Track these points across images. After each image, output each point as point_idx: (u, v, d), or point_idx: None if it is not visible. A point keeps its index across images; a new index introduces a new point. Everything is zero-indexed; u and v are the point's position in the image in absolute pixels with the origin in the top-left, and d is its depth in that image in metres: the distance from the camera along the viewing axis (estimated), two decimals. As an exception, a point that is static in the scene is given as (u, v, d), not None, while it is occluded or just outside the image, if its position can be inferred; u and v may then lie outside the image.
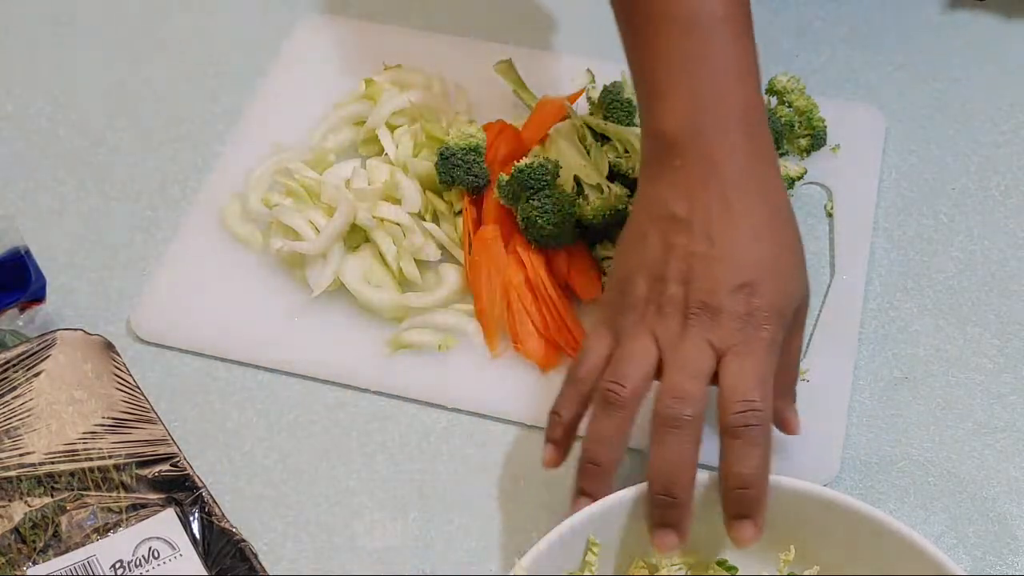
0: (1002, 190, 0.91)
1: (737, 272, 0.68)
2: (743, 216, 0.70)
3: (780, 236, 0.71)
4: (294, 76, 0.97)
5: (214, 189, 0.90)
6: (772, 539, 0.68)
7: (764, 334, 0.68)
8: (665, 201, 0.71)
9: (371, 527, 0.75)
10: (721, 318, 0.67)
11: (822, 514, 0.68)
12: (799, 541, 0.68)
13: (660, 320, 0.69)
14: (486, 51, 0.97)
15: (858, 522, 0.67)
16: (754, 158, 0.71)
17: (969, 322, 0.84)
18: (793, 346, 0.72)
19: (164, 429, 0.76)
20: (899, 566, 0.66)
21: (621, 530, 0.68)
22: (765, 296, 0.68)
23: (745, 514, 0.66)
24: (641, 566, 0.69)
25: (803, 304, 0.71)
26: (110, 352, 0.78)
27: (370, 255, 0.85)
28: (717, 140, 0.71)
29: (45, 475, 0.73)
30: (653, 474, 0.66)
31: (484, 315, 0.82)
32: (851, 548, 0.68)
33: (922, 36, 1.01)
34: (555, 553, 0.65)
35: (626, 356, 0.68)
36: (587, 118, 0.88)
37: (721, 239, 0.69)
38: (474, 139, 0.86)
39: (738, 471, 0.66)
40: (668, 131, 0.71)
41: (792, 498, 0.68)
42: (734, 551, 0.69)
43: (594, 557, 0.67)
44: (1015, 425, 0.79)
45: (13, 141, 0.95)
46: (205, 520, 0.72)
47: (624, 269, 0.72)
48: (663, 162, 0.72)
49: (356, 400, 0.80)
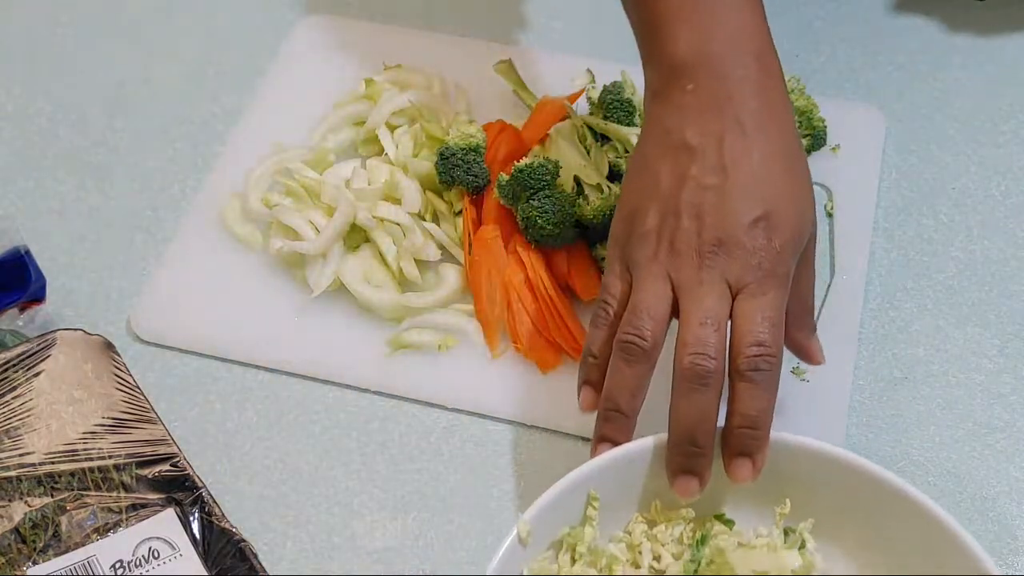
0: (1002, 190, 0.91)
1: (752, 205, 0.67)
2: (758, 143, 0.68)
3: (794, 165, 0.70)
4: (294, 76, 0.97)
5: (214, 189, 0.90)
6: (768, 493, 0.69)
7: (780, 270, 0.67)
8: (676, 128, 0.69)
9: (371, 527, 0.75)
10: (737, 255, 0.67)
11: (817, 468, 0.69)
12: (794, 494, 0.69)
13: (674, 259, 0.68)
14: (486, 51, 0.97)
15: (851, 475, 0.68)
16: (766, 82, 0.70)
17: (969, 322, 0.84)
18: (805, 277, 0.71)
19: (164, 429, 0.76)
20: (893, 518, 0.67)
21: (621, 485, 0.69)
22: (780, 230, 0.67)
23: (746, 453, 0.67)
24: (640, 520, 0.70)
25: (814, 234, 0.71)
26: (110, 352, 0.78)
27: (370, 255, 0.85)
28: (729, 62, 0.69)
29: (45, 475, 0.73)
30: (676, 425, 0.67)
31: (484, 315, 0.82)
32: (845, 501, 0.69)
33: (922, 36, 1.01)
34: (557, 507, 0.67)
35: (643, 305, 0.68)
36: (587, 118, 0.88)
37: (735, 169, 0.68)
38: (474, 139, 0.86)
39: (745, 411, 0.66)
40: (677, 55, 0.70)
41: (787, 452, 0.69)
42: (731, 506, 0.70)
43: (594, 511, 0.68)
44: (1015, 425, 0.79)
45: (13, 141, 0.95)
46: (205, 520, 0.72)
47: (633, 201, 0.71)
48: (672, 87, 0.70)
49: (356, 400, 0.80)
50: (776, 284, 0.67)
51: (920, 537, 0.67)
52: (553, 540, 0.69)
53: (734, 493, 0.70)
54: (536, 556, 0.68)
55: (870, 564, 0.69)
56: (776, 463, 0.68)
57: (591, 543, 0.68)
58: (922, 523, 0.66)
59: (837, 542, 0.70)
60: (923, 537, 0.67)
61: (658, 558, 0.69)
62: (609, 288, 0.70)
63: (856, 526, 0.69)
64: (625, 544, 0.69)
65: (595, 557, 0.68)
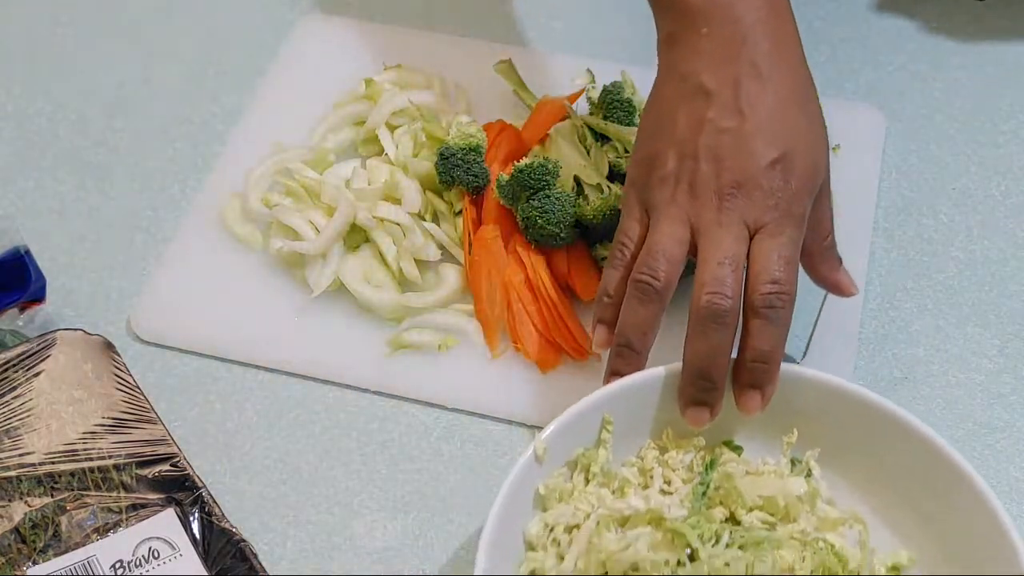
0: (1002, 190, 0.91)
1: (770, 146, 0.69)
2: (774, 85, 0.70)
3: (807, 106, 0.71)
4: (294, 76, 0.97)
5: (214, 189, 0.90)
6: (776, 424, 0.71)
7: (796, 210, 0.69)
8: (691, 73, 0.71)
9: (371, 527, 0.75)
10: (755, 196, 0.68)
11: (825, 400, 0.71)
12: (802, 426, 0.72)
13: (693, 202, 0.69)
14: (486, 51, 0.97)
15: (856, 406, 0.70)
16: (778, 24, 0.71)
17: (969, 322, 0.84)
18: (824, 213, 0.73)
19: (164, 429, 0.76)
20: (896, 448, 0.69)
21: (635, 412, 0.72)
22: (798, 170, 0.69)
23: (757, 386, 0.69)
24: (652, 446, 0.72)
25: (828, 172, 0.72)
26: (110, 352, 0.78)
27: (370, 255, 0.85)
28: (741, 5, 0.70)
29: (45, 475, 0.73)
30: (691, 361, 0.69)
31: (484, 315, 0.82)
32: (852, 433, 0.71)
33: (922, 36, 1.01)
34: (573, 429, 0.70)
35: (659, 245, 0.69)
36: (587, 118, 0.88)
37: (752, 111, 0.69)
38: (474, 139, 0.85)
39: (757, 346, 0.68)
40: (690, 0, 0.71)
41: (796, 384, 0.71)
42: (740, 436, 0.73)
43: (608, 435, 0.71)
44: (1015, 425, 0.79)
45: (13, 141, 0.95)
46: (205, 520, 0.72)
47: (651, 147, 0.72)
48: (686, 31, 0.71)
49: (356, 400, 0.80)
50: (792, 224, 0.69)
51: (924, 471, 0.69)
52: (568, 460, 0.71)
53: (743, 424, 0.72)
54: (551, 473, 0.70)
55: (875, 497, 0.71)
56: (785, 395, 0.70)
57: (604, 465, 0.71)
58: (928, 457, 0.68)
59: (843, 474, 0.72)
60: (927, 470, 0.68)
61: (668, 482, 0.71)
62: (626, 230, 0.72)
63: (863, 458, 0.71)
64: (637, 469, 0.72)
65: (608, 479, 0.71)
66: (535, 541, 0.68)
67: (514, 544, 0.68)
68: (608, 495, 0.70)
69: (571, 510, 0.69)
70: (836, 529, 0.69)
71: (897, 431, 0.69)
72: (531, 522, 0.69)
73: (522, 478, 0.67)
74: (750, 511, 0.69)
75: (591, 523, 0.68)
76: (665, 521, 0.67)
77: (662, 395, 0.71)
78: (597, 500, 0.69)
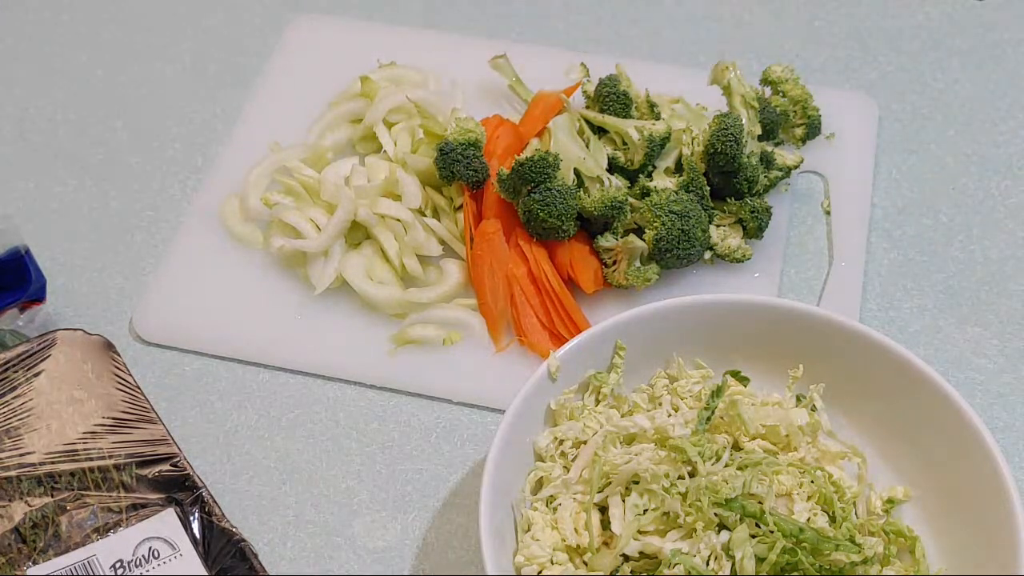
0: (1002, 190, 0.91)
1: None
2: None
3: None
4: (292, 75, 0.97)
5: (214, 189, 0.90)
6: (783, 357, 0.74)
7: None
8: None
9: (371, 527, 0.75)
10: None
11: (830, 336, 0.73)
12: (808, 363, 0.74)
13: None
14: (481, 47, 0.97)
15: (861, 343, 0.72)
16: None
17: (969, 322, 0.84)
18: None
19: (164, 429, 0.76)
20: (897, 386, 0.71)
21: (647, 342, 0.74)
22: None
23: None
24: (663, 376, 0.76)
25: None
26: (110, 352, 0.78)
27: (372, 252, 0.85)
28: None
29: (45, 475, 0.73)
30: None
31: (487, 309, 0.82)
32: (857, 373, 0.73)
33: (923, 36, 1.01)
34: (586, 351, 0.73)
35: None
36: (584, 111, 0.88)
37: None
38: (473, 134, 0.85)
39: None
40: None
41: (802, 320, 0.73)
42: (746, 365, 0.75)
43: (620, 360, 0.74)
44: (1015, 425, 0.79)
45: (13, 141, 0.95)
46: (205, 520, 0.72)
47: None
48: None
49: (359, 398, 0.81)
50: None
51: (931, 416, 0.70)
52: (580, 382, 0.74)
53: (751, 360, 0.75)
54: (563, 391, 0.73)
55: (879, 438, 0.73)
56: (793, 330, 0.72)
57: (615, 388, 0.74)
58: (934, 403, 0.69)
59: (847, 413, 0.74)
60: (933, 416, 0.70)
61: (676, 409, 0.74)
62: None
63: (869, 401, 0.73)
64: (647, 395, 0.75)
65: (618, 401, 0.74)
66: (544, 453, 0.72)
67: (524, 454, 0.71)
68: (616, 415, 0.72)
69: (580, 426, 0.72)
70: (836, 462, 0.71)
71: (907, 376, 0.70)
72: (541, 435, 0.72)
73: (535, 392, 0.70)
74: (752, 439, 0.71)
75: (598, 438, 0.71)
76: (669, 440, 0.69)
77: (675, 326, 0.73)
78: (606, 419, 0.72)
